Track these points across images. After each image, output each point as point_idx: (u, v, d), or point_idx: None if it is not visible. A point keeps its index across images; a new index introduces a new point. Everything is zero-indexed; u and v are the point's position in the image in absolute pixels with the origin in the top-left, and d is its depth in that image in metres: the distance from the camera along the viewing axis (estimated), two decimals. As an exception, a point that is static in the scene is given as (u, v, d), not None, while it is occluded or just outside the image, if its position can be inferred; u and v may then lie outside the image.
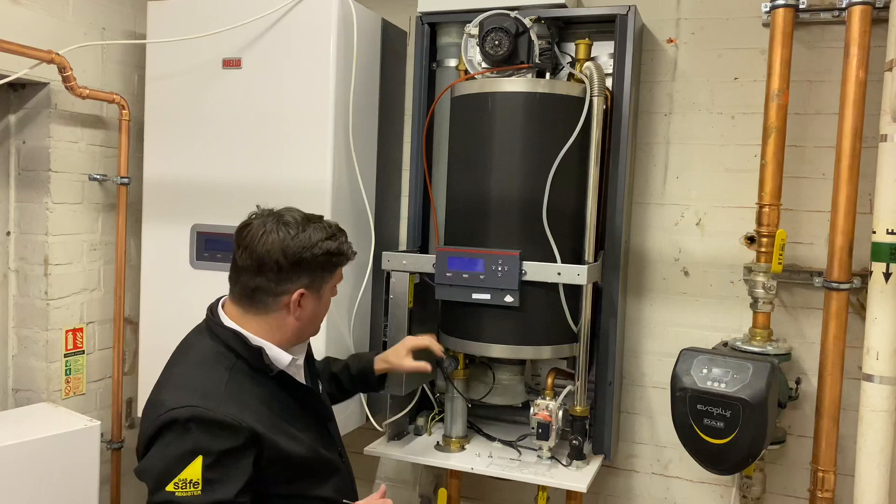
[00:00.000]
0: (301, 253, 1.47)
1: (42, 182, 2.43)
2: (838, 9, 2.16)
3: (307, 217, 1.54)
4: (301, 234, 1.48)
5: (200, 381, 1.42)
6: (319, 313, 1.57)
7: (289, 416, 1.49)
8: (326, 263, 1.51)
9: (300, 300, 1.49)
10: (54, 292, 2.46)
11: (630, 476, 2.54)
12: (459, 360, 2.33)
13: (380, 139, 2.54)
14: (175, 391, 1.41)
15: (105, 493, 2.55)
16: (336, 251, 1.52)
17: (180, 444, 1.34)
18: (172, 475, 1.31)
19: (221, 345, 1.47)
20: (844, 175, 2.04)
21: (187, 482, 1.31)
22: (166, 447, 1.35)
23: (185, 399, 1.37)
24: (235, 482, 1.35)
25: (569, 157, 2.13)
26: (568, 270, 2.09)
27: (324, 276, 1.53)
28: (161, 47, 2.45)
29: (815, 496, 2.13)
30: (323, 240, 1.50)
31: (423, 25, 2.42)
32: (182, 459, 1.32)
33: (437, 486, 2.66)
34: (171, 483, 1.31)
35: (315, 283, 1.52)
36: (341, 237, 1.55)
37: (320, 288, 1.53)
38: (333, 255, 1.52)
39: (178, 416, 1.35)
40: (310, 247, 1.48)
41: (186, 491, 1.31)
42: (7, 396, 2.51)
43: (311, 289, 1.51)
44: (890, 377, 1.96)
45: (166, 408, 1.37)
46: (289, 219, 1.50)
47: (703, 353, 2.03)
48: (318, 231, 1.50)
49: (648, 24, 2.41)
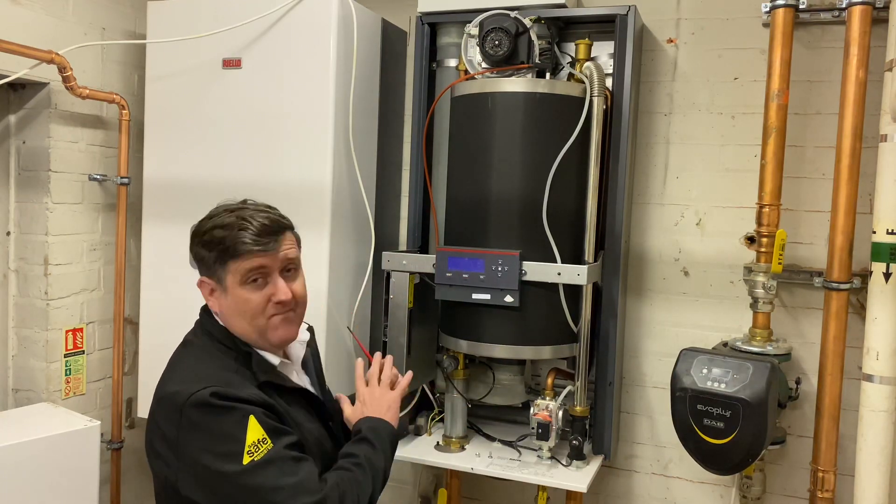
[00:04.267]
0: (192, 238, 1.42)
1: (42, 182, 2.43)
2: (838, 9, 2.16)
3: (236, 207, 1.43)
4: (202, 221, 1.42)
5: (210, 370, 1.38)
6: (238, 311, 1.40)
7: (293, 408, 1.45)
8: (211, 253, 1.39)
9: (210, 290, 1.43)
10: (54, 292, 2.46)
11: (630, 476, 2.54)
12: (459, 360, 2.34)
13: (380, 139, 2.54)
14: (186, 383, 1.33)
15: (105, 493, 2.55)
16: (217, 240, 1.38)
17: (224, 421, 1.27)
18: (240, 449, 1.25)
19: (217, 342, 1.45)
20: (844, 175, 2.04)
21: (257, 443, 1.26)
22: (212, 432, 1.27)
23: (202, 383, 1.31)
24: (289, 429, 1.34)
25: (569, 157, 2.13)
26: (568, 270, 2.09)
27: (214, 267, 1.39)
28: (161, 47, 2.45)
29: (815, 496, 2.13)
30: (213, 227, 1.39)
31: (423, 25, 2.42)
32: (237, 429, 1.26)
33: (437, 486, 2.66)
34: (245, 455, 1.25)
35: (211, 274, 1.41)
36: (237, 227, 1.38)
37: (221, 280, 1.40)
38: (216, 244, 1.38)
39: (201, 397, 1.28)
40: (199, 233, 1.41)
41: (261, 450, 1.26)
42: (7, 396, 2.51)
43: (212, 279, 1.41)
44: (890, 377, 1.96)
45: (185, 395, 1.29)
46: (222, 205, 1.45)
47: (703, 353, 2.03)
48: (218, 218, 1.40)
49: (648, 24, 2.41)
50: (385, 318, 2.26)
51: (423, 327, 2.32)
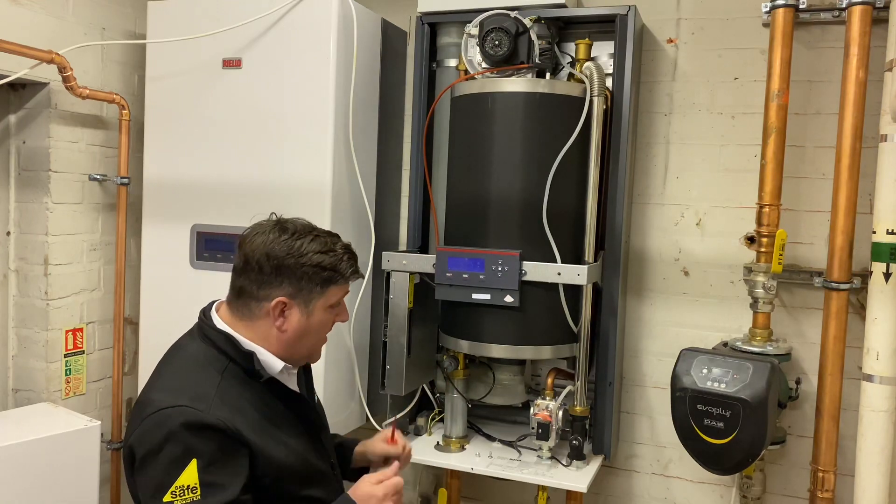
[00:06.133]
0: (284, 259, 1.40)
1: (42, 182, 2.43)
2: (838, 9, 2.16)
3: (311, 228, 1.47)
4: (290, 240, 1.42)
5: (191, 382, 1.38)
6: (310, 332, 1.46)
7: (280, 423, 1.45)
8: (314, 276, 1.42)
9: (282, 309, 1.42)
10: (54, 292, 2.46)
11: (630, 476, 2.54)
12: (459, 360, 2.34)
13: (380, 139, 2.54)
14: (165, 392, 1.36)
15: (105, 493, 2.56)
16: (327, 266, 1.42)
17: (172, 449, 1.27)
18: (168, 484, 1.25)
19: (213, 347, 1.44)
20: (844, 175, 2.04)
21: (185, 488, 1.24)
22: (158, 454, 1.28)
23: (175, 399, 1.32)
24: (235, 481, 1.29)
25: (569, 157, 2.13)
26: (568, 270, 2.09)
27: (311, 289, 1.43)
28: (161, 47, 2.45)
29: (815, 496, 2.13)
30: (315, 252, 1.42)
31: (423, 25, 2.42)
32: (176, 465, 1.26)
33: (437, 486, 2.66)
34: (168, 493, 1.24)
35: (300, 295, 1.43)
36: (341, 255, 1.45)
37: (308, 303, 1.44)
38: (324, 270, 1.42)
39: (167, 416, 1.29)
40: (296, 254, 1.41)
41: (185, 498, 1.24)
42: (7, 396, 2.51)
43: (295, 300, 1.43)
44: (890, 377, 1.96)
45: (155, 407, 1.32)
46: (289, 225, 1.44)
47: (703, 353, 2.03)
48: (313, 242, 1.43)
49: (648, 24, 2.41)
50: (385, 318, 2.26)
51: (423, 327, 2.32)
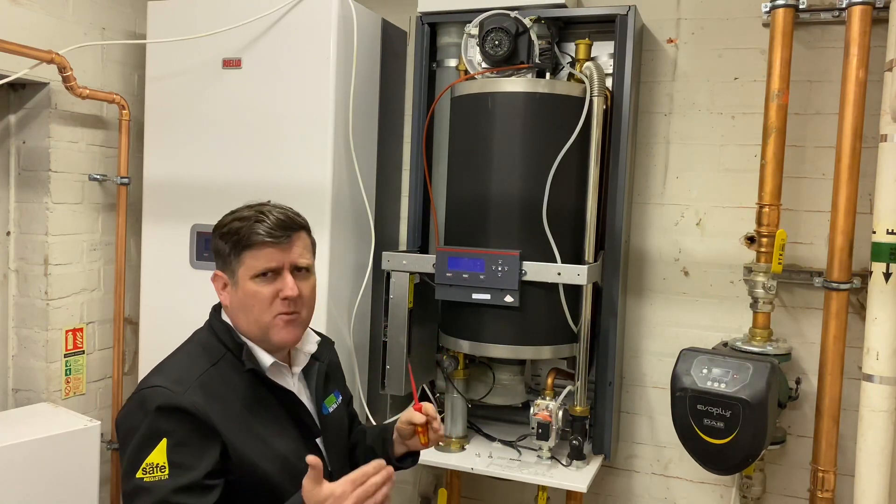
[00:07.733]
0: (213, 233, 1.47)
1: (42, 182, 2.43)
2: (838, 9, 2.16)
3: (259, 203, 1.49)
4: (224, 216, 1.47)
5: (180, 367, 1.43)
6: (246, 304, 1.43)
7: (268, 421, 1.43)
8: (227, 244, 1.44)
9: (223, 284, 1.47)
10: (54, 292, 2.46)
11: (630, 476, 2.54)
12: (459, 360, 2.34)
13: (380, 139, 2.54)
14: (154, 374, 1.42)
15: (105, 493, 2.56)
16: (234, 230, 1.42)
17: (146, 428, 1.32)
18: (140, 461, 1.30)
19: (214, 337, 1.47)
20: (844, 175, 2.04)
21: (154, 466, 1.29)
22: (135, 433, 1.33)
23: (157, 381, 1.38)
24: (202, 464, 1.31)
25: (569, 157, 2.13)
26: (568, 270, 2.09)
27: (228, 258, 1.44)
28: (161, 47, 2.45)
29: (815, 496, 2.13)
30: (232, 220, 1.44)
31: (423, 25, 2.42)
32: (147, 443, 1.31)
33: (437, 486, 2.66)
34: (140, 469, 1.29)
35: (227, 268, 1.45)
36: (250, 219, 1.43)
37: (234, 274, 1.44)
38: (233, 235, 1.43)
39: (145, 396, 1.35)
40: (218, 226, 1.46)
41: (154, 475, 1.29)
42: (7, 396, 2.51)
43: (225, 272, 1.46)
44: (890, 377, 1.96)
45: (139, 387, 1.39)
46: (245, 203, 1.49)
47: (703, 353, 2.03)
48: (238, 212, 1.46)
49: (648, 24, 2.41)
50: (385, 318, 2.27)
51: (423, 327, 2.32)
